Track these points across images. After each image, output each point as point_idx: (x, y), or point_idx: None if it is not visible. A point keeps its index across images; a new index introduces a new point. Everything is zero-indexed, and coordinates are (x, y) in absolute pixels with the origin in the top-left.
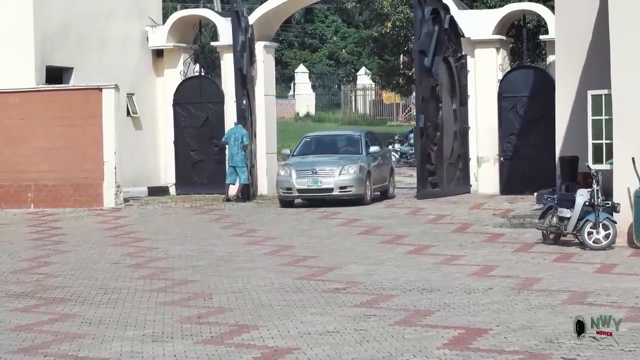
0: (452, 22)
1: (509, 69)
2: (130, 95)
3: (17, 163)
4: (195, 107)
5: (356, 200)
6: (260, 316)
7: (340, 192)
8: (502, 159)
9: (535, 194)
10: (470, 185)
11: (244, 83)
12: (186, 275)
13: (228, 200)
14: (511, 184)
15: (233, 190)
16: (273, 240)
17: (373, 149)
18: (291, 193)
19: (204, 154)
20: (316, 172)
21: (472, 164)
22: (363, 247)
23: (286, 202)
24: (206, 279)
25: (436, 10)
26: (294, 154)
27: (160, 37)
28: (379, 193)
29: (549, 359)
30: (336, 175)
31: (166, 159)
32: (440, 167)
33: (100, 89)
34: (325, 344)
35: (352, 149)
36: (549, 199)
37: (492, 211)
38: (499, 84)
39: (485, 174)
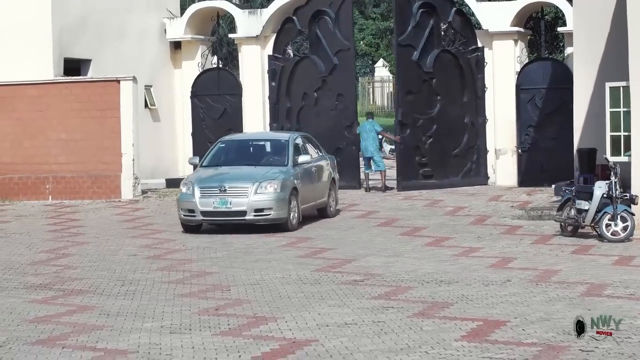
0: (463, 14)
1: (527, 61)
2: (148, 87)
3: (36, 155)
4: (213, 99)
5: (277, 226)
6: (278, 308)
7: (255, 216)
8: (520, 151)
9: (554, 186)
10: (488, 177)
11: None
12: (204, 267)
13: (368, 190)
14: (529, 176)
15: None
16: (291, 232)
17: (303, 158)
18: (194, 216)
19: None
20: (225, 190)
21: (490, 156)
22: (381, 239)
23: (189, 227)
24: (224, 271)
25: (428, 4)
26: (203, 164)
27: (178, 29)
28: (316, 211)
29: (566, 351)
30: (251, 194)
31: (184, 151)
32: (437, 160)
33: (118, 81)
34: (343, 336)
35: (277, 159)
36: (567, 191)
37: (510, 203)
38: (517, 76)
39: (503, 166)
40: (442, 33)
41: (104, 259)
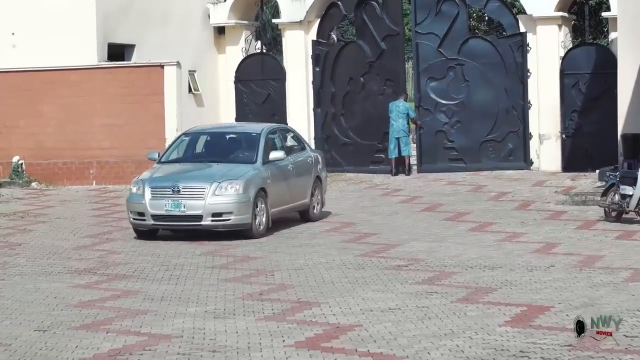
0: (503, 1)
1: (571, 46)
2: (192, 72)
3: (79, 140)
4: (257, 84)
5: (240, 232)
6: (321, 293)
7: (213, 221)
8: (564, 136)
9: (598, 171)
10: (532, 163)
11: None
12: (248, 252)
13: (396, 174)
14: (573, 161)
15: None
16: (334, 217)
17: (275, 154)
18: (144, 220)
19: None
20: (179, 190)
21: (534, 141)
22: (425, 224)
23: (142, 233)
24: (268, 256)
25: None
26: (162, 159)
27: (222, 14)
28: (297, 215)
29: (610, 336)
30: (208, 195)
31: None
32: (467, 144)
33: (162, 66)
34: (387, 321)
35: (246, 155)
36: (611, 177)
37: (554, 188)
38: (561, 61)
39: (547, 151)
40: (474, 20)
41: (147, 243)
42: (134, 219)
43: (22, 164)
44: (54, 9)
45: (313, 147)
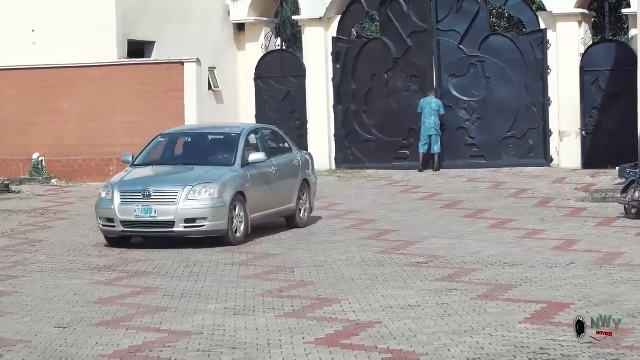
0: None
1: (591, 42)
2: (212, 69)
3: (99, 137)
4: (277, 81)
5: (216, 240)
6: (341, 290)
7: (186, 227)
8: (584, 133)
9: (618, 168)
10: (552, 160)
11: None
12: (267, 249)
13: (421, 170)
14: (593, 158)
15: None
16: (354, 214)
17: (255, 156)
18: (114, 227)
19: (285, 128)
20: (149, 195)
21: (554, 138)
22: (445, 221)
23: (113, 240)
24: (288, 253)
25: None
26: (136, 162)
27: (241, 11)
28: (284, 220)
29: (631, 334)
30: (180, 200)
31: None
32: (488, 140)
33: (182, 63)
34: (407, 318)
35: (225, 157)
36: (631, 174)
37: (574, 185)
38: (581, 58)
39: (567, 148)
40: (494, 17)
41: (167, 240)
42: (103, 225)
43: (42, 160)
44: (74, 6)
45: (333, 144)
